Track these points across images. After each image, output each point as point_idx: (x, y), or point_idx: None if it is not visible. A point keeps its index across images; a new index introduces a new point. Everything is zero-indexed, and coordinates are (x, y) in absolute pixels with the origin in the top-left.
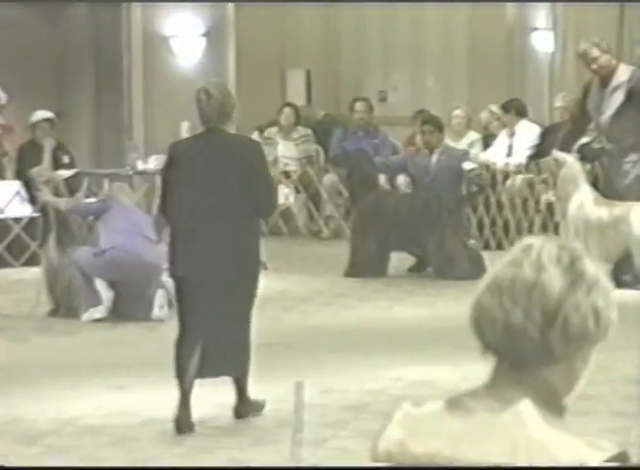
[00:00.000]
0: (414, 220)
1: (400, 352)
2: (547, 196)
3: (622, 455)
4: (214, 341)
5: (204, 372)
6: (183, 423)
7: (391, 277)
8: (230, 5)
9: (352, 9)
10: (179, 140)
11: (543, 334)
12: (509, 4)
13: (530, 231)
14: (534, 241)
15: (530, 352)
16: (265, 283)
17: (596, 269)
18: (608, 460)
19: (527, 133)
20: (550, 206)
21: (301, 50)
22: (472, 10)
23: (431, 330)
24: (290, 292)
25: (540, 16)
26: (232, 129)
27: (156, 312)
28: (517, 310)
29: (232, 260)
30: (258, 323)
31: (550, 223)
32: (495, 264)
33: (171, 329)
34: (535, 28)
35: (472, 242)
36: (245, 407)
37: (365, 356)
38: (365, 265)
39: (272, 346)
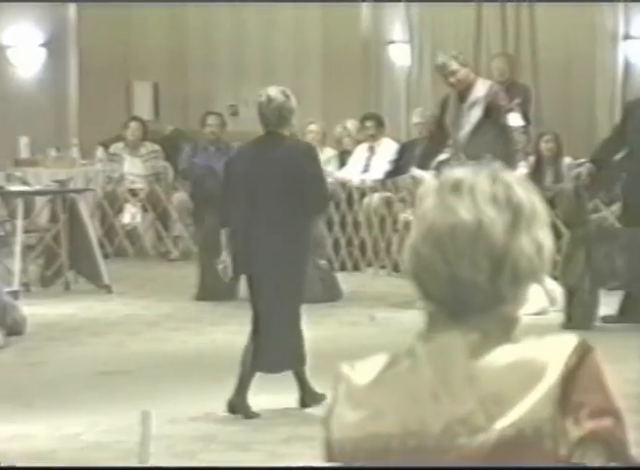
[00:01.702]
0: None
1: (253, 379)
2: (405, 215)
3: (583, 344)
4: (272, 337)
5: (262, 367)
6: (235, 406)
7: (243, 300)
8: (71, 14)
9: (199, 18)
10: (244, 143)
11: (492, 281)
12: (364, 16)
13: (388, 251)
14: (461, 177)
15: (479, 299)
16: (110, 307)
17: (527, 195)
18: (576, 347)
19: (387, 150)
20: (408, 225)
21: (147, 61)
22: (325, 21)
23: None
24: (136, 316)
25: (396, 28)
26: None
27: None
28: (463, 263)
29: (287, 259)
30: (101, 350)
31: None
32: (420, 208)
33: (6, 357)
34: (391, 41)
35: (322, 263)
36: (308, 397)
37: (216, 384)
38: (215, 288)
39: (117, 373)
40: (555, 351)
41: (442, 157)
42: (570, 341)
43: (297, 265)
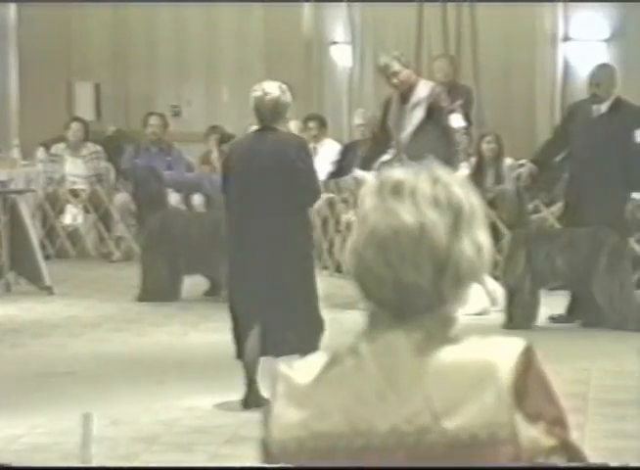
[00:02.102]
0: (204, 242)
1: (195, 380)
2: (347, 216)
3: (530, 349)
4: (272, 323)
5: (266, 351)
6: (248, 402)
7: (185, 301)
8: (11, 13)
9: (141, 18)
10: (238, 139)
11: (435, 284)
12: (306, 16)
13: (330, 252)
14: (402, 179)
15: (422, 301)
16: (52, 309)
17: (466, 195)
18: (523, 352)
19: (330, 151)
20: (350, 225)
21: (89, 61)
22: (267, 22)
23: (226, 356)
24: (78, 318)
25: (338, 29)
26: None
27: None
28: (406, 267)
29: (280, 250)
30: (42, 352)
31: None
32: (361, 209)
33: None
34: (334, 42)
35: None
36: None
37: (158, 385)
38: (157, 289)
39: (58, 375)
40: (502, 353)
41: (385, 158)
42: (516, 344)
43: (292, 254)
